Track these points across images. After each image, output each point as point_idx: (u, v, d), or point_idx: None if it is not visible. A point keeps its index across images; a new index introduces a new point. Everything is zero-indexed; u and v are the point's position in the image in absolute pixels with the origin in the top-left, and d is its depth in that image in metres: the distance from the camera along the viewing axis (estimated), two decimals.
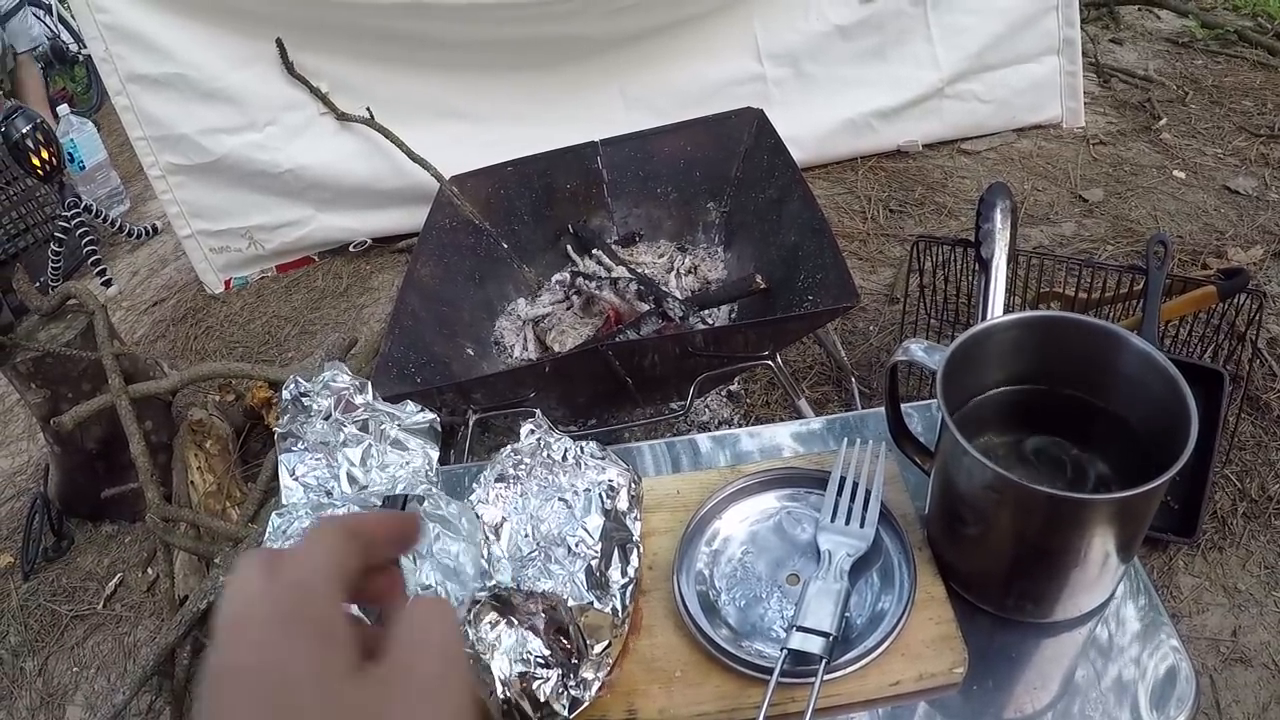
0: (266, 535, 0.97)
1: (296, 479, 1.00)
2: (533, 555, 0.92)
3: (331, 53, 3.46)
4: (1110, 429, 0.96)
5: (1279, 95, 3.91)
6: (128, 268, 4.34)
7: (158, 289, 4.09)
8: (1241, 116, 3.80)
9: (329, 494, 1.00)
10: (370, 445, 1.02)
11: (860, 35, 3.57)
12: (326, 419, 1.03)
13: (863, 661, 0.89)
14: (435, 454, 1.05)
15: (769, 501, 1.07)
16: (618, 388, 2.09)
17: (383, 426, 1.04)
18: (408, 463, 1.02)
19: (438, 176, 2.95)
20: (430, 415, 1.07)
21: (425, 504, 0.92)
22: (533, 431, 1.03)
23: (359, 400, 1.04)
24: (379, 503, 0.95)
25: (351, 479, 1.00)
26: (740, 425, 2.60)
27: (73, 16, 6.49)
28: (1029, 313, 0.99)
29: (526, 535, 0.94)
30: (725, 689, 0.91)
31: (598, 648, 0.89)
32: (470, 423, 2.11)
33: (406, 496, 0.93)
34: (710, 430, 2.58)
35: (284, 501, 1.00)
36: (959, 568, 0.97)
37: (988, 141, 3.80)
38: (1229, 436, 2.26)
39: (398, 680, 0.46)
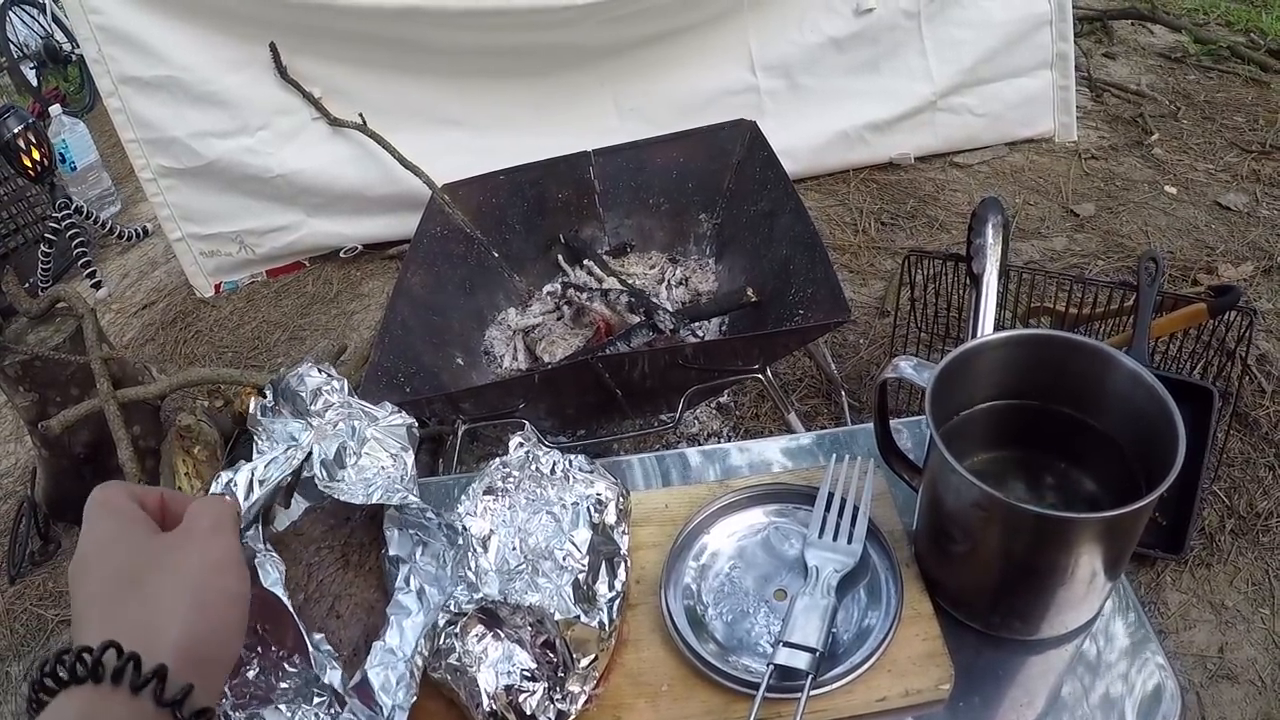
0: None
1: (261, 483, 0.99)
2: (520, 568, 0.91)
3: (325, 58, 3.47)
4: (1099, 447, 0.96)
5: (1270, 111, 3.94)
6: (118, 270, 4.34)
7: (148, 292, 4.08)
8: (1233, 132, 3.82)
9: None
10: (344, 444, 1.01)
11: (854, 47, 3.59)
12: (301, 415, 1.02)
13: (849, 677, 0.89)
14: (410, 458, 1.03)
15: (757, 516, 1.07)
16: (607, 399, 2.09)
17: (355, 423, 1.02)
18: (383, 467, 1.01)
19: (429, 184, 2.95)
20: (408, 419, 1.06)
21: (403, 512, 0.91)
22: (521, 444, 1.03)
23: (335, 398, 1.03)
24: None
25: (328, 473, 0.98)
26: (730, 437, 2.60)
27: (66, 16, 6.52)
28: (1019, 331, 0.99)
29: (514, 548, 0.94)
30: (711, 703, 0.90)
31: (584, 661, 0.88)
32: (459, 432, 2.10)
33: (382, 507, 0.92)
34: (699, 442, 2.58)
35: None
36: (946, 584, 0.97)
37: (980, 155, 3.82)
38: (1218, 453, 2.26)
39: (183, 536, 0.75)
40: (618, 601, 0.93)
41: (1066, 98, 3.76)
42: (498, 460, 1.02)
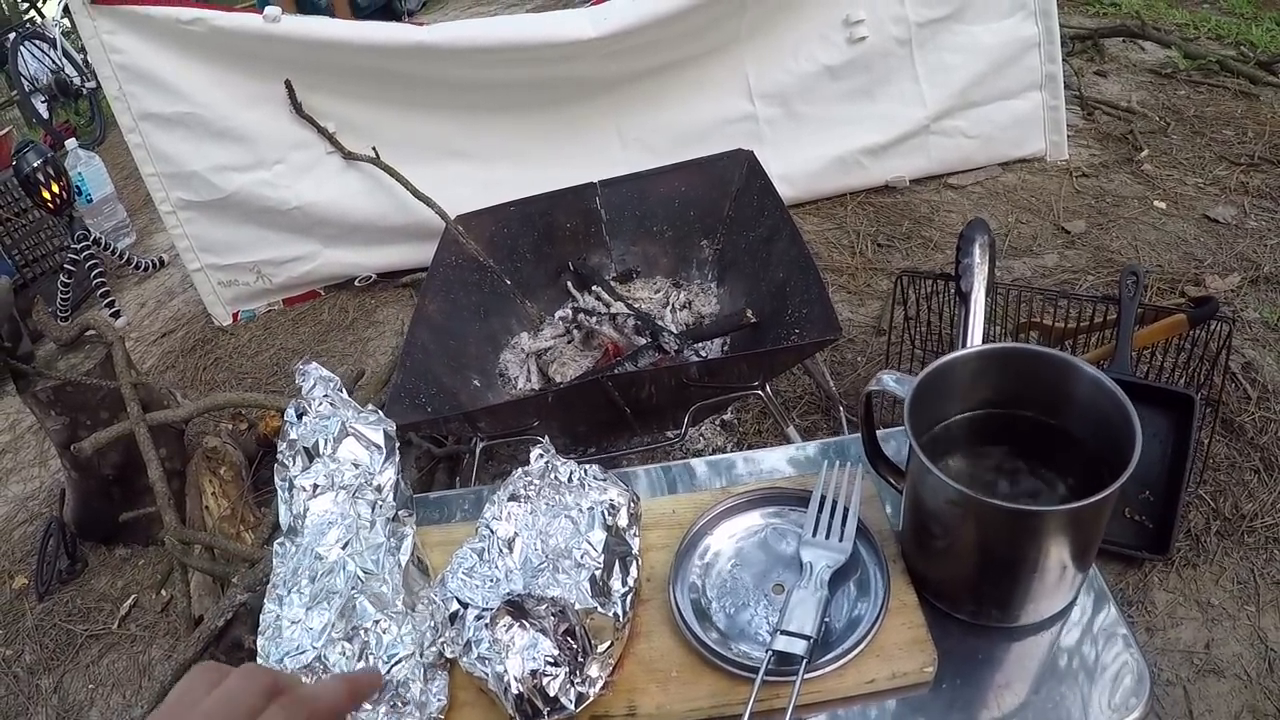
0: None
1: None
2: (542, 566, 1.01)
3: (338, 94, 3.56)
4: (1067, 448, 1.04)
5: (1259, 123, 3.97)
6: (135, 299, 4.42)
7: (165, 320, 4.17)
8: (1222, 145, 3.86)
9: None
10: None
11: (848, 75, 3.66)
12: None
13: (841, 662, 0.98)
14: (392, 476, 1.16)
15: (755, 519, 1.16)
16: (616, 417, 2.17)
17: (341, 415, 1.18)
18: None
19: (442, 215, 3.02)
20: (387, 423, 1.21)
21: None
22: (541, 455, 1.12)
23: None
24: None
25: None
26: (732, 453, 2.67)
27: (79, 53, 6.64)
28: (989, 345, 1.08)
29: (536, 549, 1.03)
30: (716, 687, 0.99)
31: (601, 647, 0.97)
32: (476, 450, 2.19)
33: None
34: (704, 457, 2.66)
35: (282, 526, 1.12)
36: (930, 577, 1.05)
37: (973, 176, 3.86)
38: (1203, 457, 2.32)
39: None
40: (630, 596, 1.03)
41: (1056, 117, 3.81)
42: (520, 470, 1.12)
